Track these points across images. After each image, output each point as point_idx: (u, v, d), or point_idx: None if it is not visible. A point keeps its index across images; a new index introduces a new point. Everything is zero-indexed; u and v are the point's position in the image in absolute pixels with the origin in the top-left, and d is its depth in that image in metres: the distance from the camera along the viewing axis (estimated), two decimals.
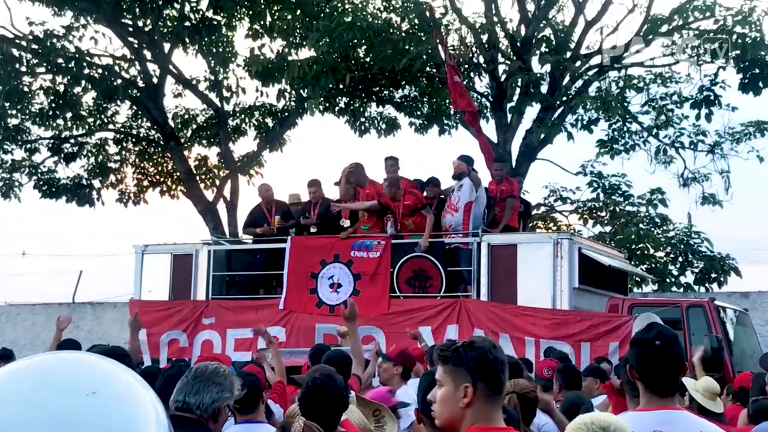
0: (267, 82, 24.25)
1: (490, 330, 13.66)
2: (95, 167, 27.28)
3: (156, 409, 1.47)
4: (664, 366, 4.40)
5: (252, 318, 15.28)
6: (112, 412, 1.38)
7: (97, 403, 1.38)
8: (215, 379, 5.02)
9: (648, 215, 24.48)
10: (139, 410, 1.44)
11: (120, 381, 1.46)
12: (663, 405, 4.36)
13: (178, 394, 5.01)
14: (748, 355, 14.89)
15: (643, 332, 4.54)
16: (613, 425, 3.36)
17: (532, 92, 21.44)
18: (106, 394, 1.40)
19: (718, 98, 21.55)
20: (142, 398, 1.46)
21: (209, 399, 4.95)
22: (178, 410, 4.99)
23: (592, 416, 3.44)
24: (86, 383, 1.41)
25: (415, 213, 14.85)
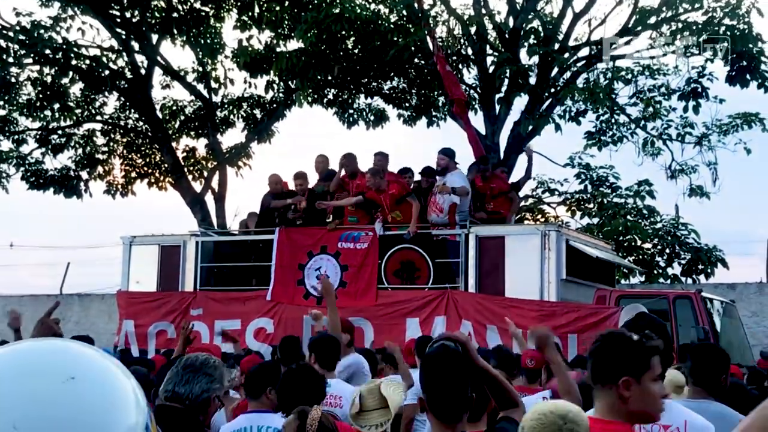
0: (255, 74, 24.22)
1: (477, 322, 13.69)
2: (83, 158, 27.24)
3: (136, 395, 1.47)
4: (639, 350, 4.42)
5: (240, 309, 15.32)
6: (90, 398, 1.38)
7: (75, 388, 1.38)
8: (205, 370, 5.04)
9: (635, 207, 24.50)
10: (119, 396, 1.44)
11: (99, 367, 1.46)
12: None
13: (167, 384, 5.03)
14: (734, 346, 14.94)
15: (633, 322, 4.57)
16: (571, 413, 3.37)
17: (520, 84, 21.42)
18: (85, 380, 1.41)
19: (705, 90, 21.59)
20: (122, 384, 1.46)
21: (198, 389, 4.96)
22: (168, 400, 5.00)
23: (550, 405, 3.44)
24: (65, 369, 1.41)
25: (402, 202, 14.86)
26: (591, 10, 22.57)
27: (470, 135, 17.83)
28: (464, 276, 14.38)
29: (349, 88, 24.14)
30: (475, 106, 23.10)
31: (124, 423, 1.40)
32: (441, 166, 14.98)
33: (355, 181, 15.39)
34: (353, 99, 25.02)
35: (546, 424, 3.31)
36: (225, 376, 5.21)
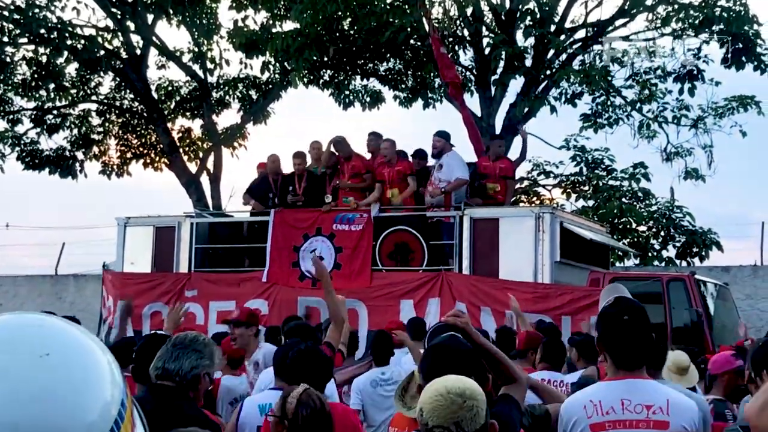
0: (251, 54, 24.17)
1: (471, 303, 13.71)
2: (78, 139, 27.22)
3: (112, 370, 1.46)
4: (630, 340, 4.48)
5: (234, 291, 15.32)
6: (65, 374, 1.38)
7: (50, 364, 1.38)
8: (195, 347, 5.07)
9: (631, 189, 24.53)
10: (94, 371, 1.43)
11: (74, 342, 1.46)
12: (630, 375, 4.45)
13: (157, 362, 5.05)
14: (728, 329, 14.98)
15: (611, 306, 4.59)
16: (468, 390, 3.33)
17: (516, 66, 21.41)
18: (59, 355, 1.40)
19: (701, 72, 21.57)
20: (98, 359, 1.46)
21: (188, 366, 4.99)
22: (158, 378, 5.02)
23: (446, 383, 3.38)
24: (40, 344, 1.40)
25: (404, 180, 14.92)
26: None
27: (465, 117, 17.78)
28: (458, 258, 14.39)
29: (345, 70, 24.09)
30: (471, 87, 23.07)
31: (100, 398, 1.40)
32: (437, 148, 14.98)
33: (349, 162, 15.39)
34: (349, 80, 24.98)
35: (444, 404, 3.27)
36: (215, 355, 5.24)
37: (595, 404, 4.39)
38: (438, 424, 3.27)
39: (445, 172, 14.73)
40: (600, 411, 4.36)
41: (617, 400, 4.37)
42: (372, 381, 8.84)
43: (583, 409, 4.41)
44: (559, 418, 4.57)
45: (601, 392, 4.47)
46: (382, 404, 8.71)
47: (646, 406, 4.34)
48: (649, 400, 4.37)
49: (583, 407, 4.41)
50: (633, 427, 4.30)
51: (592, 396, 4.46)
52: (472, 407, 3.29)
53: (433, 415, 3.28)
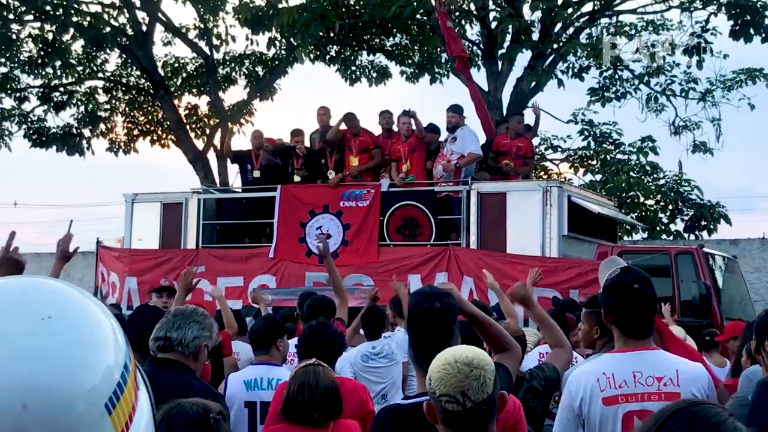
0: (257, 30, 24.09)
1: (479, 278, 13.70)
2: (85, 116, 27.19)
3: (115, 334, 1.45)
4: (641, 309, 4.49)
5: (242, 266, 15.35)
6: (68, 337, 1.37)
7: (51, 327, 1.37)
8: (195, 318, 5.12)
9: (639, 163, 24.46)
10: (97, 335, 1.42)
11: (77, 305, 1.44)
12: (639, 346, 4.45)
13: (158, 332, 5.07)
14: (736, 302, 14.98)
15: (619, 277, 4.59)
16: (476, 359, 3.34)
17: (522, 39, 21.30)
18: (62, 319, 1.39)
19: (709, 45, 21.46)
20: (101, 323, 1.44)
21: (191, 335, 5.03)
22: (160, 350, 5.04)
23: (454, 352, 3.40)
24: (43, 307, 1.39)
25: (414, 152, 14.93)
26: None
27: (472, 91, 17.74)
28: (466, 232, 14.38)
29: (351, 45, 24.04)
30: (478, 62, 23.01)
31: (103, 362, 1.39)
32: (451, 123, 14.97)
33: (357, 138, 15.39)
34: (355, 56, 24.94)
35: (452, 373, 3.29)
36: (214, 328, 5.28)
37: (608, 377, 4.37)
38: (444, 392, 3.29)
39: (458, 146, 14.72)
40: (613, 384, 4.36)
41: (629, 373, 4.37)
42: (362, 355, 8.98)
43: (596, 383, 4.39)
44: (565, 390, 4.56)
45: (613, 365, 4.45)
46: (372, 376, 8.83)
47: (657, 378, 4.34)
48: (659, 371, 4.37)
49: (596, 380, 4.40)
50: (645, 400, 4.30)
51: (604, 369, 4.44)
52: (479, 376, 3.30)
53: (440, 384, 3.30)
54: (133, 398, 1.43)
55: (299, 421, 5.09)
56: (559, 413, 4.56)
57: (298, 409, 5.07)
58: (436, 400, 3.33)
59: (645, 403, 4.29)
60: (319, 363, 5.26)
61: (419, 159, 15.12)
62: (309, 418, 5.06)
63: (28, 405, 1.29)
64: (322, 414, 5.07)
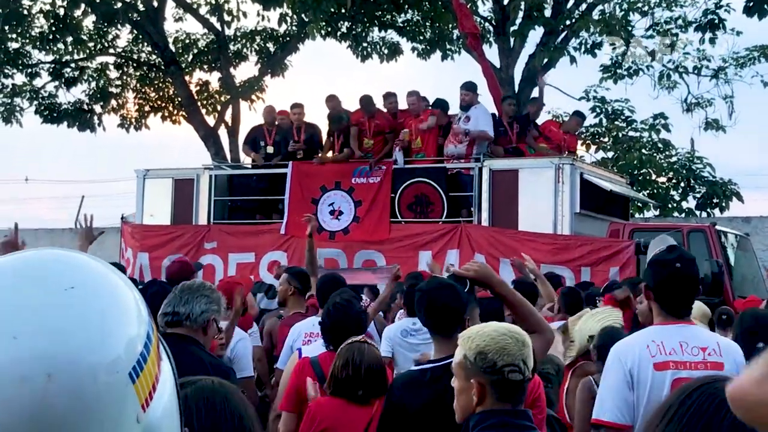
0: (268, 6, 24.01)
1: (490, 255, 13.71)
2: (96, 92, 27.18)
3: (138, 305, 1.45)
4: (683, 287, 4.62)
5: (254, 242, 15.38)
6: (91, 308, 1.37)
7: (74, 297, 1.37)
8: (203, 292, 5.14)
9: (651, 140, 24.41)
10: (120, 306, 1.42)
11: (100, 276, 1.44)
12: (680, 319, 4.55)
13: (166, 307, 5.08)
14: (748, 280, 14.95)
15: (664, 254, 4.66)
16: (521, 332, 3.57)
17: (535, 16, 21.22)
18: (85, 289, 1.39)
19: (722, 21, 21.32)
20: (124, 294, 1.44)
21: (199, 309, 5.05)
22: (168, 325, 5.05)
23: (500, 326, 3.58)
24: (65, 278, 1.39)
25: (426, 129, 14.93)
26: None
27: (484, 68, 17.69)
28: (478, 209, 14.38)
29: (363, 21, 23.96)
30: (490, 39, 22.92)
31: (126, 333, 1.39)
32: (465, 101, 14.94)
33: (373, 120, 15.36)
34: (367, 32, 24.85)
35: (512, 342, 3.45)
36: (222, 302, 5.30)
37: (658, 344, 4.49)
38: (509, 362, 3.43)
39: (472, 124, 14.70)
40: (663, 351, 4.48)
41: (677, 341, 4.50)
42: (402, 330, 9.00)
43: (647, 349, 4.49)
44: (613, 357, 4.61)
45: (661, 334, 4.58)
46: (411, 351, 8.84)
47: (702, 348, 4.49)
48: (703, 342, 4.52)
49: (646, 347, 4.50)
50: (693, 368, 4.40)
51: (654, 337, 4.56)
52: (529, 345, 3.52)
53: (502, 355, 3.43)
54: (156, 369, 1.44)
55: (345, 397, 5.13)
56: (606, 380, 4.60)
57: (342, 386, 5.11)
58: (495, 372, 3.44)
59: (693, 372, 4.36)
60: (366, 341, 5.31)
61: (432, 136, 15.09)
62: (353, 394, 5.11)
63: (52, 375, 1.29)
64: (366, 391, 5.11)
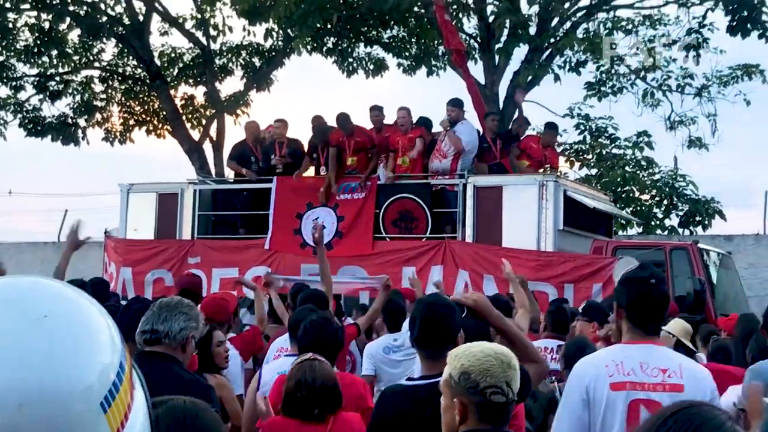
0: (254, 21, 24.03)
1: (474, 271, 13.73)
2: (81, 105, 27.13)
3: (111, 333, 1.46)
4: (656, 303, 4.61)
5: (237, 258, 15.35)
6: (63, 336, 1.37)
7: (47, 326, 1.37)
8: (181, 309, 5.10)
9: (634, 158, 24.49)
10: (93, 335, 1.42)
11: (74, 305, 1.44)
12: (647, 340, 4.54)
13: (145, 325, 5.05)
14: (730, 298, 15.00)
15: (637, 271, 4.69)
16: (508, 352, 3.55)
17: (520, 33, 21.31)
18: (57, 318, 1.39)
19: (706, 41, 21.47)
20: (97, 322, 1.45)
21: (177, 327, 5.02)
22: (147, 343, 5.02)
23: (485, 345, 3.55)
24: (39, 306, 1.39)
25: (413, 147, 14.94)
26: None
27: (469, 85, 17.77)
28: (462, 226, 14.39)
29: (349, 37, 24.01)
30: (475, 55, 23.00)
31: (99, 362, 1.39)
32: (451, 117, 14.95)
33: (353, 138, 15.28)
34: (352, 47, 24.90)
35: (496, 364, 3.43)
36: (200, 318, 5.27)
37: (617, 364, 4.49)
38: (491, 384, 3.41)
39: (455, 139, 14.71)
40: (621, 371, 4.47)
41: (636, 362, 4.48)
42: (384, 347, 8.98)
43: (605, 368, 4.50)
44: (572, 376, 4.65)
45: (621, 354, 4.58)
46: (394, 368, 8.82)
47: (662, 370, 4.47)
48: (664, 364, 4.50)
49: (605, 366, 4.51)
50: (651, 390, 4.42)
51: (613, 356, 4.57)
52: (515, 367, 3.49)
53: (485, 376, 3.41)
54: (128, 398, 1.44)
55: (299, 417, 5.09)
56: (565, 397, 4.65)
57: (297, 405, 5.08)
58: (477, 393, 3.43)
59: (650, 393, 4.41)
60: (316, 357, 5.26)
61: (419, 156, 15.04)
62: (308, 413, 5.07)
63: (23, 405, 1.30)
64: (321, 409, 5.07)
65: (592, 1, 22.45)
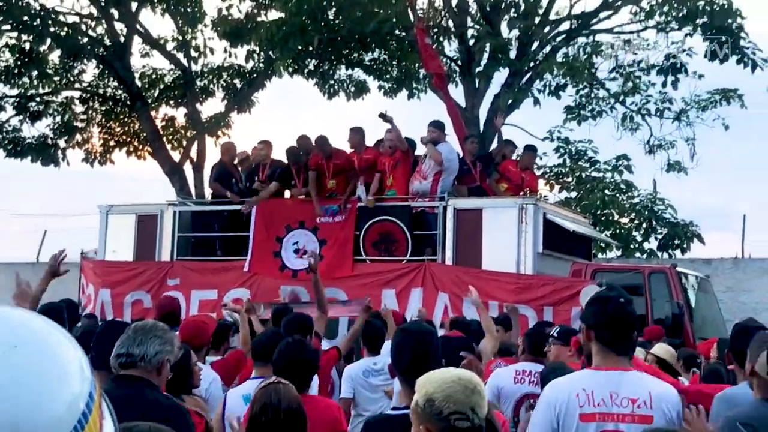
0: (235, 43, 24.10)
1: (454, 294, 13.73)
2: (61, 126, 27.06)
3: (81, 363, 1.46)
4: (626, 322, 4.59)
5: (217, 280, 15.31)
6: (33, 367, 1.38)
7: (17, 356, 1.37)
8: (156, 332, 5.08)
9: (613, 181, 24.60)
10: (63, 365, 1.42)
11: (43, 335, 1.45)
12: (616, 365, 4.53)
13: (120, 348, 5.02)
14: (708, 321, 15.05)
15: (605, 291, 4.72)
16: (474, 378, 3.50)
17: (500, 57, 21.43)
18: (27, 348, 1.39)
19: (684, 66, 21.63)
20: (66, 353, 1.45)
21: (153, 350, 4.99)
22: (122, 366, 5.00)
23: (450, 372, 3.52)
24: (8, 337, 1.39)
25: (397, 167, 14.92)
26: None
27: (450, 107, 17.83)
28: (442, 248, 14.41)
29: (330, 59, 24.07)
30: (456, 78, 23.09)
31: (68, 392, 1.39)
32: (432, 138, 14.98)
33: (331, 161, 15.25)
34: (334, 70, 24.97)
35: (459, 390, 3.39)
36: (175, 342, 5.26)
37: (587, 394, 4.46)
38: (455, 410, 3.37)
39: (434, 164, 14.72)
40: (592, 402, 4.45)
41: (606, 392, 4.46)
42: (364, 371, 8.95)
43: (576, 397, 4.47)
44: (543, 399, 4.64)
45: (592, 382, 4.54)
46: (373, 393, 8.79)
47: (632, 400, 4.44)
48: (634, 393, 4.46)
49: (576, 395, 4.48)
50: (620, 421, 4.40)
51: (584, 385, 4.52)
52: (481, 392, 3.44)
53: (449, 402, 3.37)
54: (98, 428, 1.44)
55: None
56: (535, 421, 4.63)
57: (262, 429, 5.04)
58: (442, 420, 3.39)
59: (619, 424, 4.40)
60: (280, 381, 5.23)
61: (403, 173, 15.04)
62: None
63: None
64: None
65: (572, 26, 22.60)
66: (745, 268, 21.35)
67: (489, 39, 21.20)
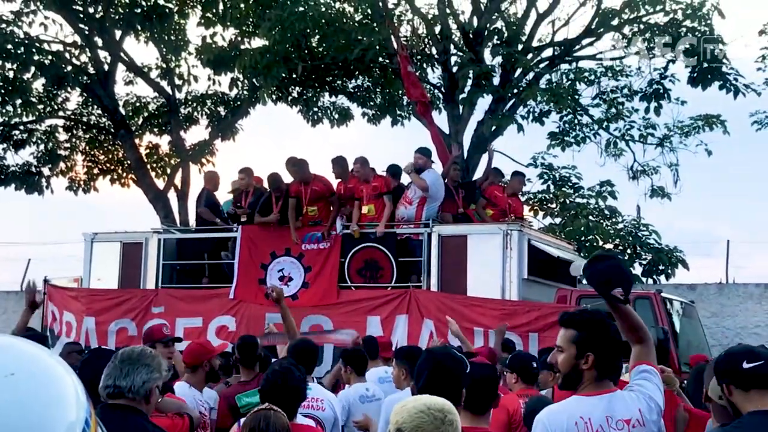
0: (219, 71, 24.16)
1: (439, 320, 13.71)
2: (45, 154, 27.02)
3: (76, 390, 1.46)
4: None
5: (202, 307, 15.27)
6: (30, 394, 1.38)
7: (15, 384, 1.37)
8: (143, 361, 5.04)
9: (597, 207, 24.61)
10: (59, 392, 1.43)
11: (40, 363, 1.45)
12: (605, 388, 4.56)
13: (107, 380, 4.99)
14: (693, 346, 15.07)
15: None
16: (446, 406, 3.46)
17: (483, 84, 21.51)
18: (24, 376, 1.40)
19: (667, 92, 21.76)
20: (63, 380, 1.46)
21: (140, 380, 4.96)
22: (110, 397, 4.97)
23: (422, 400, 3.46)
24: (6, 365, 1.40)
25: (379, 197, 14.87)
26: (554, 11, 22.76)
27: (434, 134, 17.89)
28: (427, 275, 14.40)
29: (314, 86, 24.15)
30: (439, 105, 23.16)
31: (65, 419, 1.39)
32: (418, 165, 14.99)
33: (309, 186, 15.20)
34: (317, 97, 25.04)
35: (428, 420, 3.34)
36: (163, 366, 5.22)
37: (586, 422, 4.49)
38: None
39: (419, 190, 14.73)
40: (590, 429, 4.48)
41: (603, 417, 4.50)
42: (360, 396, 8.95)
43: (575, 426, 4.49)
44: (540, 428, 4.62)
45: (588, 409, 4.56)
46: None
47: (626, 421, 4.50)
48: (627, 414, 4.53)
49: (575, 423, 4.50)
50: None
51: (581, 413, 4.54)
52: (452, 422, 3.39)
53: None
54: None
55: None
56: None
57: None
58: None
59: None
60: (271, 407, 5.23)
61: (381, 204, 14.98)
62: None
63: None
64: None
65: (555, 53, 22.72)
66: (730, 294, 21.43)
67: (472, 66, 21.30)
